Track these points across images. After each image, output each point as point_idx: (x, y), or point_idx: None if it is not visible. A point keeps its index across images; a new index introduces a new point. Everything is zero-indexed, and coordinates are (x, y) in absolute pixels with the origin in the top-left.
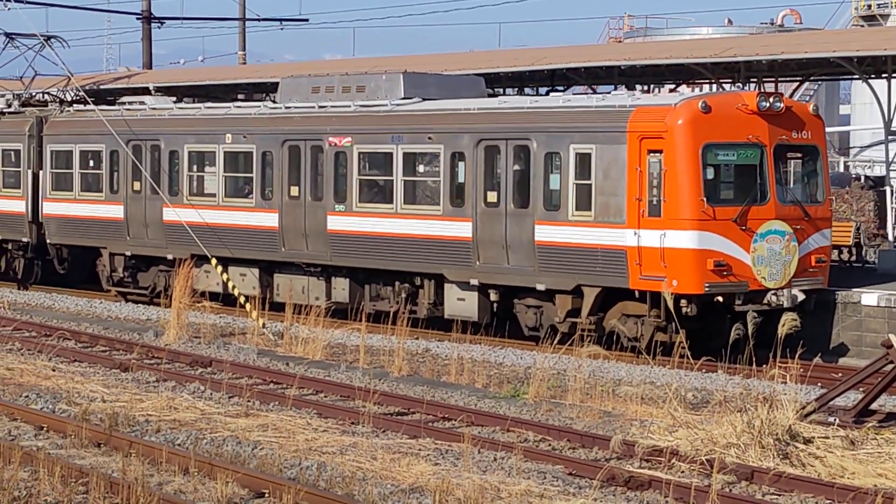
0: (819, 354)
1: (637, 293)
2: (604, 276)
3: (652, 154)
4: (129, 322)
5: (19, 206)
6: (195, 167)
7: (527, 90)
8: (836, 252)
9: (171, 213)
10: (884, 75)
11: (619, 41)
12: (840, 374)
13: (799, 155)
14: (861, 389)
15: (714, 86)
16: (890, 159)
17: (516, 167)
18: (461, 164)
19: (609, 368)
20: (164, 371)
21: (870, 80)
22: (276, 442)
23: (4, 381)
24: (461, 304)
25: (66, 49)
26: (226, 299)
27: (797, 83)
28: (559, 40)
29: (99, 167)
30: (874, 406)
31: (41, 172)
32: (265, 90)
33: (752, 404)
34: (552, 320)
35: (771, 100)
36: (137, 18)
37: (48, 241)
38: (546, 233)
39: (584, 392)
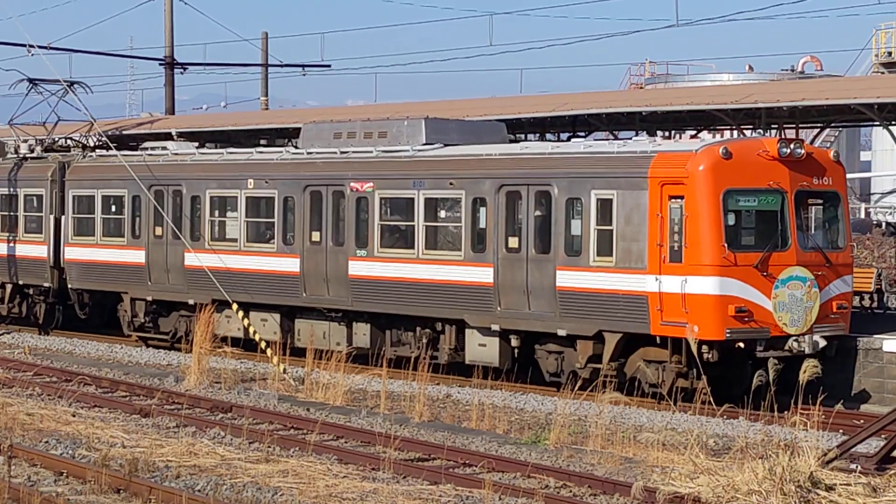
0: (841, 401)
1: (658, 339)
2: (625, 321)
3: (673, 200)
4: (149, 367)
5: (41, 251)
6: (217, 212)
7: (548, 136)
8: (857, 298)
9: (192, 259)
10: None
11: (641, 87)
12: (862, 421)
13: (820, 201)
14: (883, 436)
15: (735, 132)
16: None
17: (538, 213)
18: (482, 210)
19: (630, 414)
20: (184, 416)
21: (891, 127)
22: (297, 488)
23: (24, 426)
24: (482, 349)
25: (89, 94)
26: (247, 344)
27: (818, 129)
28: (581, 86)
29: (121, 212)
30: None
31: (63, 217)
32: (287, 136)
33: (773, 451)
34: (573, 366)
35: (792, 146)
36: (160, 64)
37: (69, 286)
38: (567, 278)
39: (605, 438)
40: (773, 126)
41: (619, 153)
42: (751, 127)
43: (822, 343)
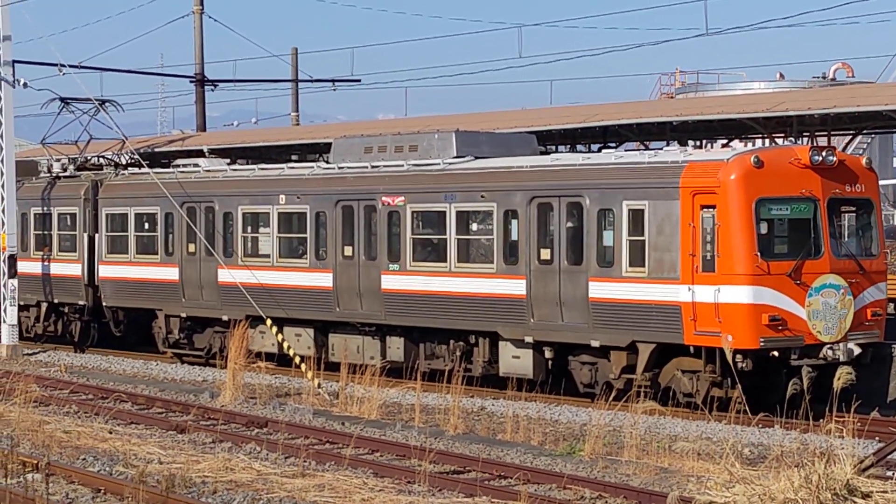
0: (876, 408)
1: (692, 349)
2: (658, 332)
3: (705, 209)
4: (185, 383)
5: (75, 269)
6: (249, 228)
7: (579, 147)
8: (891, 305)
9: (225, 275)
10: None
11: (671, 97)
12: None
13: (853, 208)
14: None
15: (766, 140)
16: None
17: (569, 224)
18: (514, 222)
19: (665, 424)
20: (220, 432)
21: None
22: (333, 502)
23: (62, 443)
24: (516, 361)
25: (121, 113)
26: (281, 360)
27: (850, 136)
28: (611, 97)
29: (154, 230)
30: None
31: (97, 235)
32: (318, 151)
33: (809, 459)
34: (607, 377)
35: (824, 154)
36: (191, 81)
37: (104, 303)
38: (600, 289)
39: (640, 448)
40: (804, 134)
41: (650, 163)
42: (782, 135)
43: (857, 350)
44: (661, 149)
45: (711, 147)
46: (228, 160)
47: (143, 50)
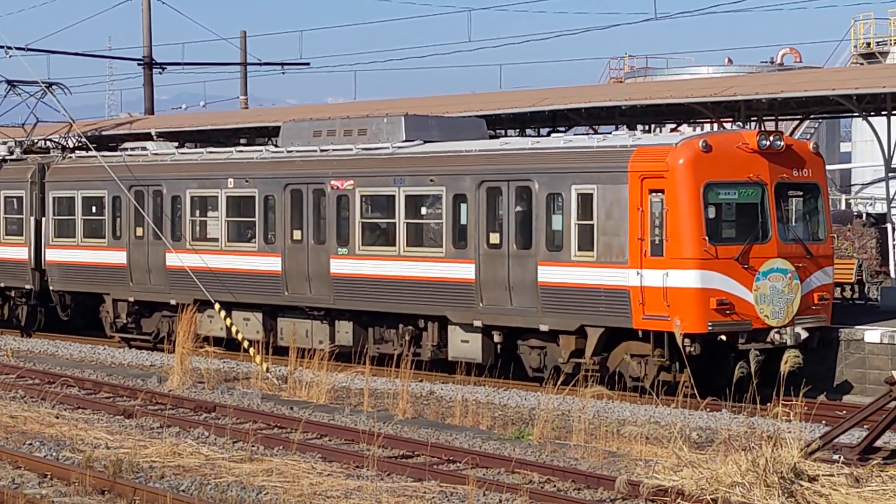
0: (823, 392)
1: (640, 333)
2: (607, 316)
3: (653, 194)
4: (132, 368)
5: (22, 252)
6: (197, 212)
7: (528, 131)
8: (838, 289)
9: (173, 259)
10: (883, 113)
11: (620, 81)
12: (844, 412)
13: (800, 193)
14: (865, 427)
15: (715, 125)
16: (891, 196)
17: (518, 208)
18: (463, 206)
19: (613, 408)
20: (167, 417)
21: (870, 118)
22: (281, 487)
23: (8, 428)
24: (465, 345)
25: (68, 96)
26: (229, 344)
27: (797, 121)
28: (560, 81)
29: (101, 213)
30: (879, 443)
31: (44, 219)
32: (267, 134)
33: (756, 443)
34: (556, 361)
35: (771, 138)
36: (139, 64)
37: (51, 287)
38: (549, 274)
39: (588, 432)
40: (752, 118)
41: (599, 147)
42: (730, 120)
43: (804, 335)
44: (610, 133)
45: (660, 131)
46: (177, 144)
47: (91, 33)
